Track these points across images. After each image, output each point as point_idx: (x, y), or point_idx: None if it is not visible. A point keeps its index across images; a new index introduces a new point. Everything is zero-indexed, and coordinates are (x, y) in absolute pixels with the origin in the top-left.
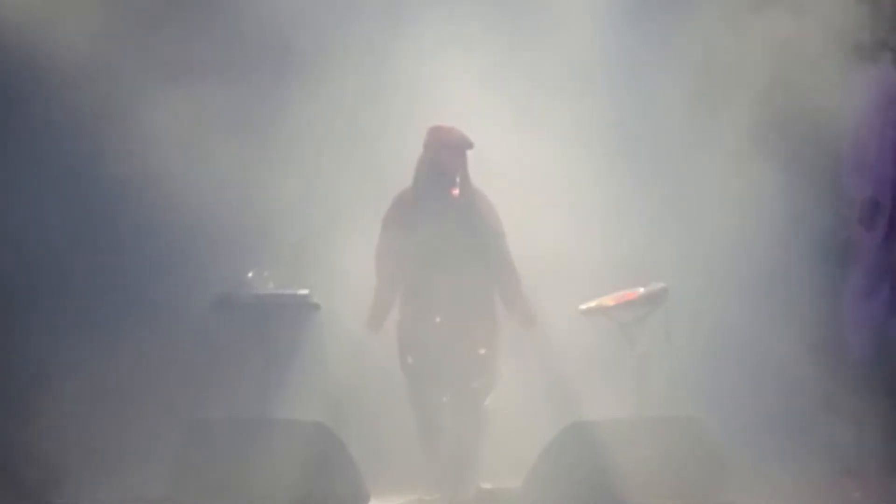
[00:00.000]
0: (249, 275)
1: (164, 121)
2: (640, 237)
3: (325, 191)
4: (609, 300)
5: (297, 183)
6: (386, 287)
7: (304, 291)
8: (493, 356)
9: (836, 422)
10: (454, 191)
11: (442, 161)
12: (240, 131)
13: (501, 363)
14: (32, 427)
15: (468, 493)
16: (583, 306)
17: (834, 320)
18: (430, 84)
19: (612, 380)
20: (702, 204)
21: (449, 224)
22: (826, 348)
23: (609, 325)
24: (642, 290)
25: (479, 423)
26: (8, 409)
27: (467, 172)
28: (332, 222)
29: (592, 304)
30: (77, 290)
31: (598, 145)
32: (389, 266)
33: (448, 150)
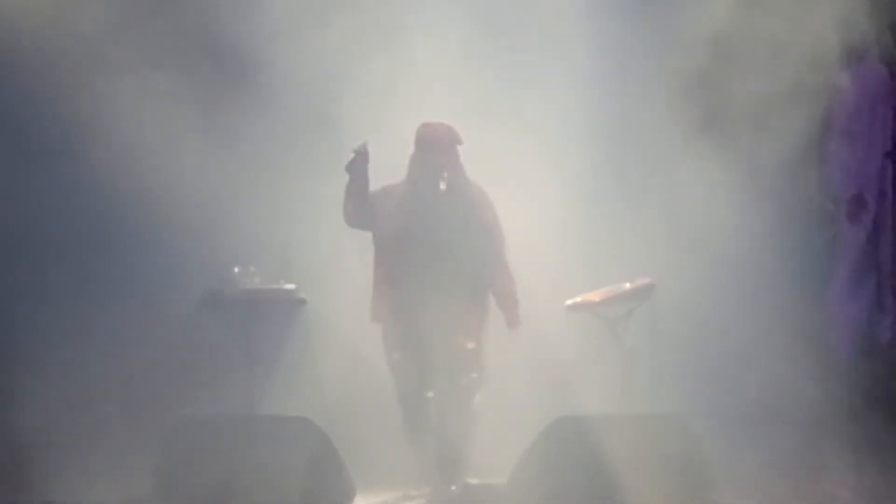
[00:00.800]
0: (236, 270)
1: (148, 117)
2: (625, 232)
3: (312, 186)
4: (595, 296)
5: (283, 178)
6: (383, 276)
7: (291, 287)
8: (480, 352)
9: (821, 419)
10: (442, 186)
11: (431, 157)
12: (226, 127)
13: (488, 359)
14: (16, 424)
15: (455, 488)
16: (568, 302)
17: (820, 317)
18: (420, 82)
19: (597, 376)
20: (688, 200)
21: (438, 220)
22: (812, 345)
23: (595, 321)
24: (628, 285)
25: (466, 419)
26: None
27: (461, 168)
28: (319, 218)
29: (578, 299)
30: (61, 287)
31: (585, 141)
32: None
33: (436, 146)
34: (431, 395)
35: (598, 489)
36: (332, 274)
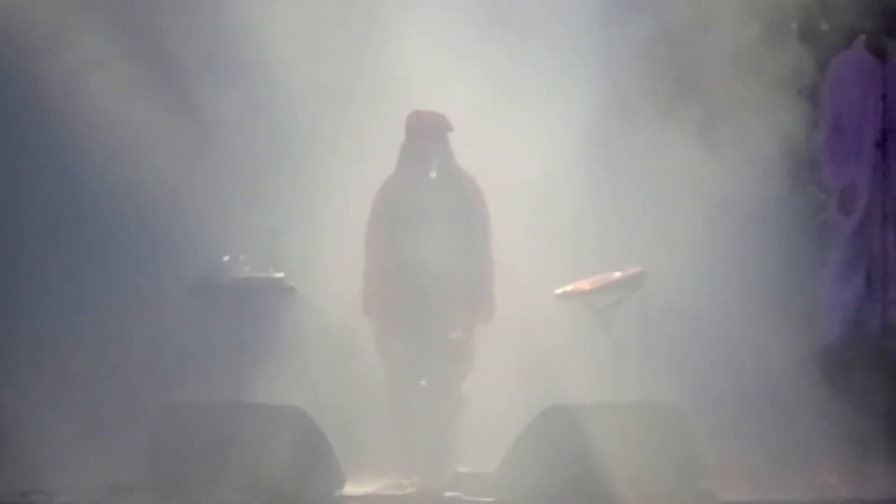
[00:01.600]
0: (225, 258)
1: (137, 106)
2: (615, 221)
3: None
4: (585, 284)
5: (273, 167)
6: (376, 271)
7: (280, 275)
8: (470, 340)
9: (811, 407)
10: (431, 173)
11: (421, 145)
12: (216, 115)
13: (477, 347)
14: (4, 412)
15: (444, 477)
16: (559, 291)
17: (810, 305)
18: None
19: (587, 364)
20: (678, 188)
21: (429, 208)
22: (802, 333)
23: (585, 310)
24: (618, 274)
25: (455, 408)
26: None
27: (451, 155)
28: (309, 206)
29: (569, 288)
30: (51, 275)
31: (574, 130)
32: (379, 251)
33: (427, 134)
34: (423, 383)
35: (588, 477)
36: (321, 262)
